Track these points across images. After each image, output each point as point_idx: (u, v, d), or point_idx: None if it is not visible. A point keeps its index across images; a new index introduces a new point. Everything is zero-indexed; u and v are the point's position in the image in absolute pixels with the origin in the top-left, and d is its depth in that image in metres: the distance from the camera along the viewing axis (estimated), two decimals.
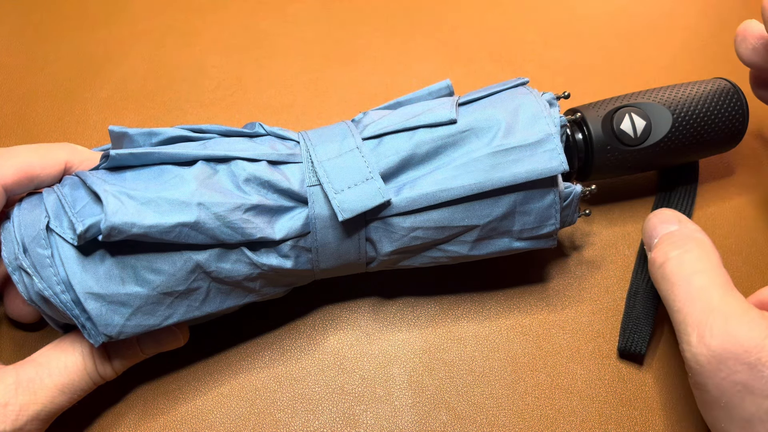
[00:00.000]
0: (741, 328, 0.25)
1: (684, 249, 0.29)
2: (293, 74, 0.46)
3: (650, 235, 0.31)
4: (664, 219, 0.31)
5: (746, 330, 0.25)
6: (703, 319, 0.26)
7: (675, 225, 0.31)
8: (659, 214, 0.32)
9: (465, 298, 0.36)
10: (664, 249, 0.29)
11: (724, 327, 0.25)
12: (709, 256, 0.28)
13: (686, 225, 0.31)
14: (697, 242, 0.29)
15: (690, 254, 0.29)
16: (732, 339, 0.25)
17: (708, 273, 0.28)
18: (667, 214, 0.31)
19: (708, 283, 0.27)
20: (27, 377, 0.28)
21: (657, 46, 0.47)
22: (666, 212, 0.32)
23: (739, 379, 0.25)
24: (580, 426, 0.32)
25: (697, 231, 0.30)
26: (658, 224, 0.31)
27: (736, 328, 0.25)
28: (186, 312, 0.29)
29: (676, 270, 0.28)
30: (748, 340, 0.25)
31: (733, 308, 0.26)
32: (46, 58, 0.46)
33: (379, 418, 0.33)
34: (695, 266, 0.28)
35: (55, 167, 0.30)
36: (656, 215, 0.32)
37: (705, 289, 0.27)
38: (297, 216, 0.29)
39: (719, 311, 0.26)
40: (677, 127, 0.34)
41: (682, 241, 0.29)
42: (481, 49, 0.47)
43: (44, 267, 0.27)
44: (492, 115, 0.30)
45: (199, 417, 0.33)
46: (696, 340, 0.26)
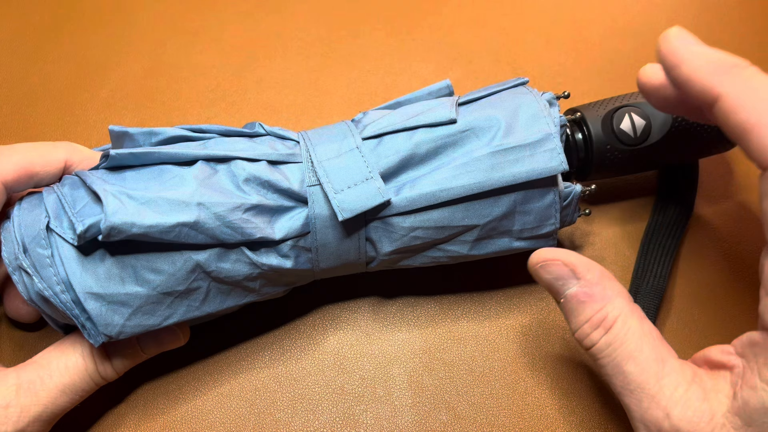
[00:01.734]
0: (686, 425, 0.24)
1: (604, 327, 0.26)
2: (293, 74, 0.46)
3: (549, 289, 0.29)
4: (556, 274, 0.28)
5: (692, 426, 0.24)
6: (646, 414, 0.25)
7: (572, 281, 0.27)
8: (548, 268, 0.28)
9: (465, 298, 0.36)
10: (583, 330, 0.27)
11: (668, 424, 0.25)
12: (630, 327, 0.26)
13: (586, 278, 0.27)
14: (613, 311, 0.27)
15: (612, 334, 0.26)
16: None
17: (637, 353, 0.26)
18: (557, 268, 0.28)
19: (640, 368, 0.26)
20: (28, 379, 0.28)
21: (656, 46, 0.47)
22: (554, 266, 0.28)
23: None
24: (580, 426, 0.32)
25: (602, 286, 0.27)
26: (553, 282, 0.28)
27: (680, 425, 0.24)
28: (186, 312, 0.29)
29: (605, 358, 0.26)
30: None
31: (674, 398, 0.25)
32: (46, 58, 0.46)
33: (379, 418, 0.33)
34: (623, 350, 0.26)
35: (55, 165, 0.31)
36: (545, 270, 0.28)
37: (639, 377, 0.26)
38: (297, 216, 0.29)
39: (659, 405, 0.25)
40: (677, 127, 0.34)
41: (598, 315, 0.27)
42: (481, 49, 0.47)
43: (44, 267, 0.27)
44: (492, 115, 0.30)
45: (199, 417, 0.33)
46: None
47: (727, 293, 0.36)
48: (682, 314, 0.36)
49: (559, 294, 0.28)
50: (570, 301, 0.27)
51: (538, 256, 0.29)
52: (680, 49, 0.26)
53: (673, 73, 0.26)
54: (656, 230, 0.37)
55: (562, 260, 0.28)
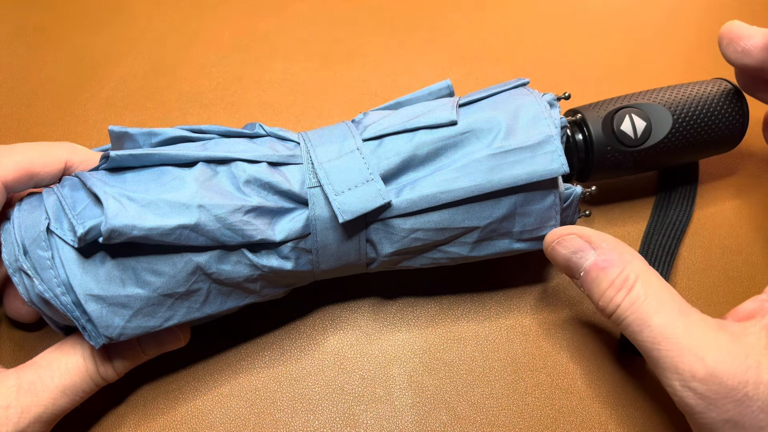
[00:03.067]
0: (721, 366, 0.25)
1: (626, 287, 0.27)
2: (293, 74, 0.46)
3: (566, 267, 0.29)
4: (573, 247, 0.29)
5: (726, 366, 0.25)
6: (678, 363, 0.25)
7: (590, 252, 0.28)
8: (564, 243, 0.29)
9: (465, 298, 0.36)
10: (606, 295, 0.28)
11: (703, 368, 0.25)
12: (651, 282, 0.27)
13: (602, 247, 0.28)
14: (633, 271, 0.27)
15: (636, 291, 0.27)
16: (715, 380, 0.24)
17: (662, 307, 0.26)
18: (574, 241, 0.29)
19: (666, 320, 0.26)
20: (28, 380, 0.28)
21: (657, 46, 0.47)
22: (570, 239, 0.29)
23: (729, 416, 0.25)
24: (580, 426, 0.32)
25: (619, 251, 0.28)
26: (570, 255, 0.29)
27: (717, 367, 0.25)
28: (186, 313, 0.29)
29: (630, 316, 0.27)
30: (731, 378, 0.24)
31: (703, 341, 0.25)
32: (46, 58, 0.46)
33: (379, 418, 0.33)
34: (647, 305, 0.27)
35: (55, 165, 0.31)
36: (562, 245, 0.29)
37: (667, 329, 0.26)
38: (297, 217, 0.29)
39: (692, 350, 0.25)
40: (677, 128, 0.34)
41: (619, 277, 0.27)
42: (481, 49, 0.47)
43: (44, 269, 0.27)
44: (492, 117, 0.30)
45: (199, 417, 0.33)
46: (679, 385, 0.25)
47: (728, 293, 0.36)
48: None
49: (578, 268, 0.29)
50: (590, 272, 0.28)
51: (552, 235, 0.30)
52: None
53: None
54: (656, 230, 0.37)
55: (576, 233, 0.29)
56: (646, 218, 0.39)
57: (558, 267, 0.30)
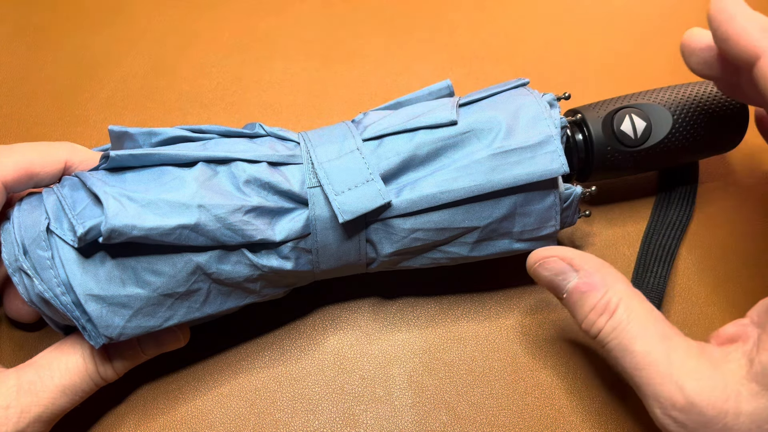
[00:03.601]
0: (700, 396, 0.24)
1: (608, 312, 0.27)
2: (293, 74, 0.46)
3: (550, 288, 0.29)
4: (556, 270, 0.29)
5: (706, 396, 0.24)
6: (660, 392, 0.25)
7: (572, 274, 0.28)
8: (546, 265, 0.29)
9: (465, 298, 0.36)
10: (588, 320, 0.27)
11: (682, 397, 0.25)
12: (633, 306, 0.27)
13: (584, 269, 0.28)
14: (615, 295, 0.27)
15: (617, 316, 0.27)
16: (695, 410, 0.24)
17: (643, 332, 0.26)
18: (556, 264, 0.29)
19: (649, 346, 0.26)
20: (28, 380, 0.28)
21: (657, 46, 0.47)
22: (552, 261, 0.29)
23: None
24: (580, 426, 0.32)
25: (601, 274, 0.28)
26: (552, 278, 0.29)
27: (695, 397, 0.24)
28: (186, 313, 0.29)
29: (612, 341, 0.27)
30: (710, 408, 0.24)
31: (683, 368, 0.25)
32: (46, 58, 0.46)
33: (379, 418, 0.33)
34: (629, 330, 0.26)
35: (55, 165, 0.31)
36: (543, 267, 0.29)
37: (649, 355, 0.26)
38: (297, 217, 0.29)
39: (671, 379, 0.25)
40: (677, 128, 0.34)
41: (601, 302, 0.27)
42: (481, 49, 0.47)
43: (44, 269, 0.27)
44: (493, 117, 0.30)
45: (199, 417, 0.33)
46: (660, 413, 0.25)
47: (728, 293, 0.36)
48: (683, 314, 0.36)
49: (560, 289, 0.29)
50: (573, 294, 0.28)
51: (535, 256, 0.30)
52: (731, 7, 0.27)
53: (721, 28, 0.27)
54: (656, 230, 0.37)
55: (558, 255, 0.29)
56: (646, 218, 0.39)
57: (543, 286, 0.30)
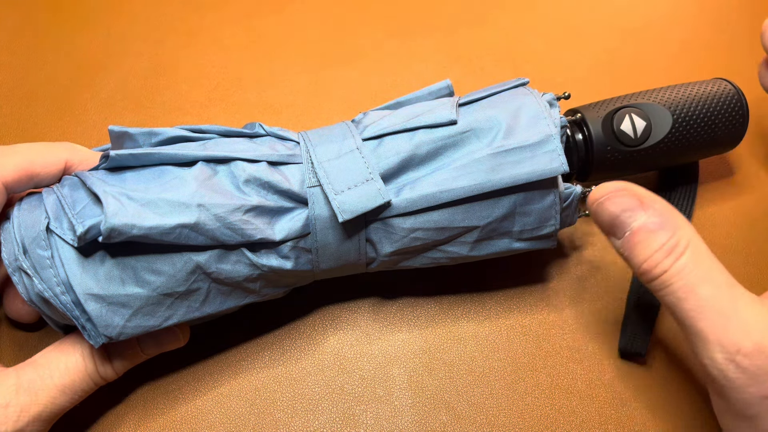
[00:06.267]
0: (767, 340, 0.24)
1: (676, 253, 0.26)
2: (293, 74, 0.46)
3: (611, 225, 0.27)
4: (622, 206, 0.27)
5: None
6: (724, 335, 0.24)
7: (641, 214, 0.27)
8: (614, 200, 0.27)
9: (465, 298, 0.36)
10: (653, 258, 0.26)
11: (750, 342, 0.24)
12: (701, 252, 0.26)
13: (653, 209, 0.27)
14: (685, 238, 0.26)
15: (685, 259, 0.26)
16: (761, 355, 0.24)
17: (711, 277, 0.25)
18: (623, 199, 0.27)
19: (715, 291, 0.25)
20: (28, 379, 0.28)
21: (657, 46, 0.47)
22: (619, 196, 0.27)
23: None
24: (580, 426, 0.32)
25: (671, 215, 0.27)
26: (619, 213, 0.27)
27: (763, 341, 0.24)
28: (186, 313, 0.29)
29: (677, 282, 0.26)
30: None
31: (752, 316, 0.25)
32: (46, 58, 0.46)
33: (379, 418, 0.33)
34: (696, 273, 0.26)
35: (55, 166, 0.31)
36: (611, 202, 0.27)
37: (714, 299, 0.25)
38: (297, 217, 0.29)
39: (739, 323, 0.24)
40: (677, 128, 0.34)
41: (669, 242, 0.26)
42: (481, 49, 0.47)
43: (44, 268, 0.27)
44: (492, 116, 0.30)
45: (199, 417, 0.33)
46: (721, 357, 0.24)
47: None
48: None
49: (624, 227, 0.27)
50: (638, 233, 0.26)
51: (601, 190, 0.28)
52: None
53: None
54: None
55: (628, 191, 0.27)
56: None
57: (600, 225, 0.28)
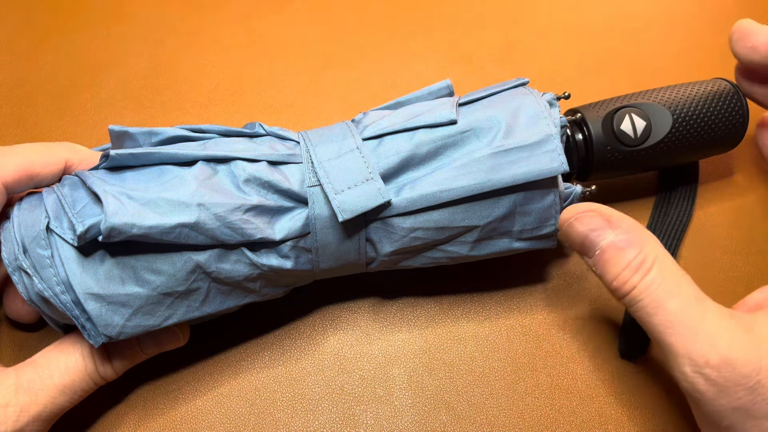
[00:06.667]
0: (735, 353, 0.24)
1: (643, 270, 0.26)
2: (293, 74, 0.46)
3: (581, 245, 0.28)
4: (590, 226, 0.28)
5: (741, 354, 0.24)
6: (692, 349, 0.25)
7: (609, 233, 0.27)
8: (581, 219, 0.28)
9: (465, 298, 0.36)
10: (621, 276, 0.27)
11: (716, 355, 0.24)
12: (668, 266, 0.27)
13: (621, 227, 0.27)
14: (651, 254, 0.27)
15: (652, 274, 0.26)
16: (728, 367, 0.24)
17: (678, 291, 0.26)
18: (591, 220, 0.28)
19: (682, 304, 0.26)
20: (27, 378, 0.28)
21: (657, 46, 0.47)
22: (587, 216, 0.28)
23: (740, 404, 0.24)
24: (580, 426, 0.32)
25: (638, 233, 0.27)
26: (587, 233, 0.28)
27: (730, 354, 0.24)
28: (186, 312, 0.29)
29: (645, 298, 0.26)
30: (744, 365, 0.24)
31: (719, 328, 0.25)
32: (46, 58, 0.46)
33: (379, 418, 0.33)
34: (663, 288, 0.26)
35: (55, 166, 0.31)
36: (580, 221, 0.28)
37: (682, 313, 0.25)
38: (297, 216, 0.29)
39: (706, 336, 0.25)
40: (677, 128, 0.34)
41: (636, 259, 0.27)
42: (481, 49, 0.47)
43: (44, 267, 0.27)
44: (492, 116, 0.30)
45: (199, 417, 0.33)
46: (691, 371, 0.25)
47: (728, 293, 0.36)
48: None
49: (594, 246, 0.28)
50: (607, 251, 0.27)
51: (571, 211, 0.29)
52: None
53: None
54: (656, 230, 0.37)
55: (595, 211, 0.28)
56: (646, 218, 0.38)
57: (571, 245, 0.29)
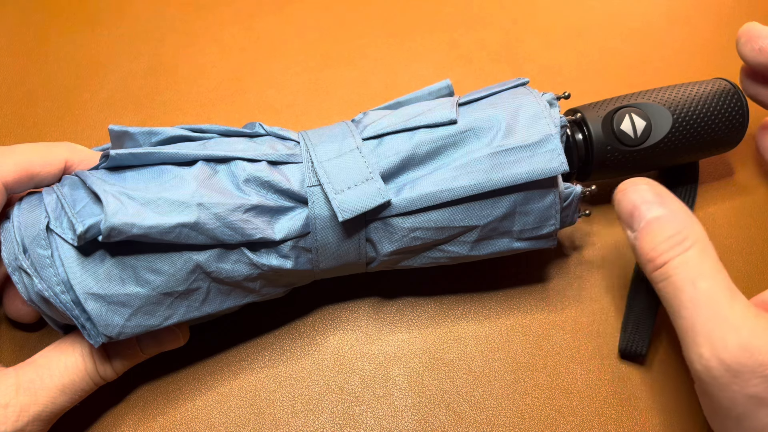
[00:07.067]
0: (756, 341, 0.24)
1: (682, 246, 0.27)
2: (293, 74, 0.46)
3: (630, 214, 0.29)
4: (643, 198, 0.29)
5: (762, 342, 0.24)
6: (714, 330, 0.25)
7: (658, 208, 0.28)
8: (636, 189, 0.29)
9: (465, 298, 0.36)
10: (660, 247, 0.27)
11: (737, 339, 0.24)
12: (708, 252, 0.27)
13: (671, 206, 0.28)
14: (694, 236, 0.27)
15: (691, 253, 0.27)
16: (747, 353, 0.24)
17: (712, 275, 0.26)
18: (645, 192, 0.29)
19: (714, 287, 0.26)
20: (27, 378, 0.28)
21: (657, 46, 0.47)
22: (642, 188, 0.29)
23: (754, 392, 0.24)
24: (580, 426, 0.32)
25: (686, 215, 0.28)
26: (639, 204, 0.29)
27: (751, 341, 0.24)
28: (186, 312, 0.29)
29: (678, 273, 0.26)
30: (762, 353, 0.24)
31: (744, 317, 0.25)
32: (46, 58, 0.46)
33: (379, 418, 0.33)
34: (698, 268, 0.26)
35: (55, 166, 0.31)
36: (633, 190, 0.29)
37: (711, 295, 0.25)
38: (297, 216, 0.29)
39: (730, 321, 0.25)
40: (677, 128, 0.34)
41: (678, 235, 0.27)
42: (481, 49, 0.47)
43: (44, 267, 0.27)
44: (492, 116, 0.30)
45: (199, 417, 0.33)
46: (708, 353, 0.25)
47: None
48: None
49: (641, 218, 0.28)
50: (651, 223, 0.28)
51: (630, 181, 0.30)
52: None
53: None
54: None
55: (651, 186, 0.29)
56: None
57: (620, 214, 0.30)
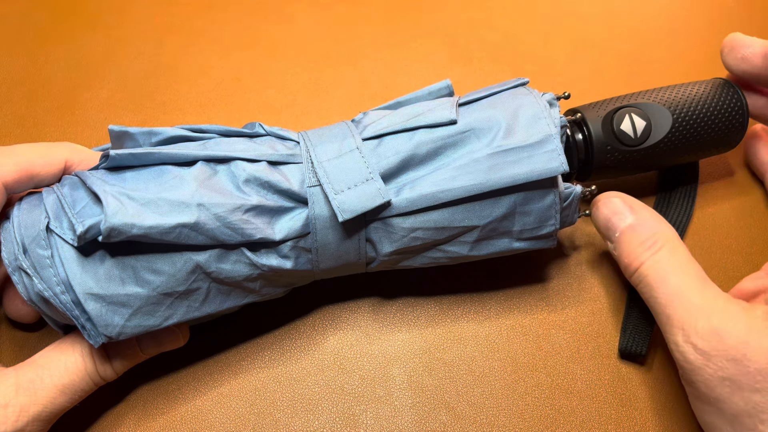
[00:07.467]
0: (724, 325, 0.26)
1: (653, 249, 0.29)
2: (293, 74, 0.46)
3: (605, 227, 0.32)
4: (614, 209, 0.32)
5: (730, 326, 0.26)
6: (686, 319, 0.27)
7: (629, 215, 0.31)
8: (607, 203, 0.32)
9: (465, 298, 0.36)
10: (633, 252, 0.30)
11: (707, 325, 0.26)
12: (678, 250, 0.29)
13: (640, 214, 0.31)
14: (663, 238, 0.30)
15: (661, 253, 0.29)
16: (716, 337, 0.26)
17: (683, 269, 0.28)
18: (616, 204, 0.32)
19: (684, 280, 0.28)
20: (27, 378, 0.28)
21: (657, 46, 0.47)
22: (613, 201, 0.32)
23: (727, 375, 0.26)
24: (580, 426, 0.32)
25: (655, 220, 0.31)
26: (611, 215, 0.32)
27: (720, 325, 0.26)
28: (186, 312, 0.29)
29: (651, 273, 0.29)
30: (732, 337, 0.26)
31: (714, 304, 0.27)
32: (46, 58, 0.46)
33: (379, 418, 0.33)
34: (669, 265, 0.29)
35: (55, 166, 0.31)
36: (604, 203, 0.32)
37: (683, 287, 0.28)
38: (297, 216, 0.29)
39: (700, 309, 0.27)
40: (677, 128, 0.34)
41: (649, 240, 0.30)
42: (481, 49, 0.47)
43: (44, 267, 0.27)
44: (492, 116, 0.30)
45: (199, 417, 0.33)
46: (682, 340, 0.27)
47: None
48: None
49: (615, 228, 0.31)
50: (625, 232, 0.31)
51: (602, 195, 0.33)
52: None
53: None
54: None
55: (620, 198, 0.32)
56: None
57: (598, 228, 0.33)
